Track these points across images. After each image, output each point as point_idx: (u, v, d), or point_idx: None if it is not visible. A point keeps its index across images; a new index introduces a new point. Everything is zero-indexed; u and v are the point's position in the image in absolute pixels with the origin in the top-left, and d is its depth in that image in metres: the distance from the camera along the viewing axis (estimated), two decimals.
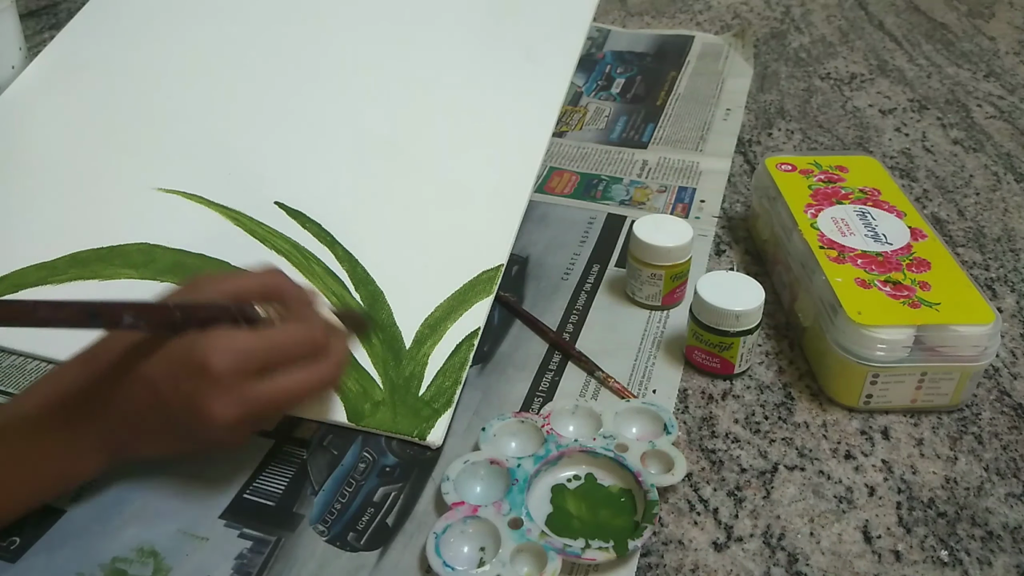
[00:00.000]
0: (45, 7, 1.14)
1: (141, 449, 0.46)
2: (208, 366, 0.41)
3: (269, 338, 0.44)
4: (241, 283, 0.46)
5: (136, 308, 0.41)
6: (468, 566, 0.43)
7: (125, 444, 0.45)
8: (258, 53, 0.73)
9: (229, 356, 0.42)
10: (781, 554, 0.45)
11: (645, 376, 0.56)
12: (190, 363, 0.42)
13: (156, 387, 0.42)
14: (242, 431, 0.45)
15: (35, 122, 0.73)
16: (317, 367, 0.45)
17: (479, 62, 0.70)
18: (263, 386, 0.43)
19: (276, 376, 0.44)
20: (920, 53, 1.03)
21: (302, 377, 0.45)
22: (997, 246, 0.69)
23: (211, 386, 0.42)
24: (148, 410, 0.43)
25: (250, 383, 0.43)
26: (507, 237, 0.60)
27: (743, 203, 0.75)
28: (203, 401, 0.42)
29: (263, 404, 0.43)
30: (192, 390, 0.42)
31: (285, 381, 0.44)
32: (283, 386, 0.44)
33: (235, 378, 0.42)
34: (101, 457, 0.45)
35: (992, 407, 0.54)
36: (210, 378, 0.41)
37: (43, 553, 0.44)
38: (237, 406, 0.42)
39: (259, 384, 0.43)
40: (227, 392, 0.42)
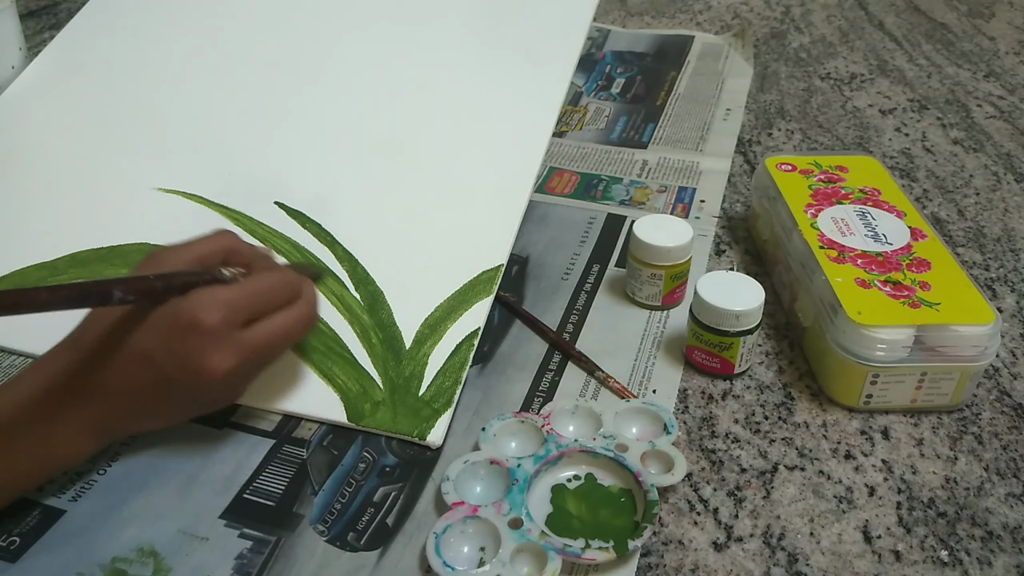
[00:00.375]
0: (45, 7, 1.14)
1: (134, 426, 0.47)
2: (199, 322, 0.43)
3: (250, 287, 0.46)
4: (200, 250, 0.48)
5: (122, 283, 0.43)
6: (468, 566, 0.43)
7: (118, 423, 0.46)
8: (258, 53, 0.73)
9: (217, 310, 0.44)
10: (781, 554, 0.45)
11: (645, 376, 0.56)
12: (181, 324, 0.43)
13: (151, 357, 0.44)
14: (239, 382, 0.47)
15: (35, 122, 0.73)
16: (297, 307, 0.48)
17: (479, 62, 0.70)
18: (253, 331, 0.45)
19: (262, 322, 0.46)
20: (920, 53, 1.03)
21: (287, 316, 0.47)
22: (997, 246, 0.69)
23: (205, 341, 0.43)
24: (146, 383, 0.44)
25: (240, 331, 0.45)
26: (507, 237, 0.60)
27: (743, 203, 0.75)
28: (201, 357, 0.43)
29: (256, 349, 0.45)
30: (188, 350, 0.43)
31: (272, 323, 0.46)
32: (271, 328, 0.46)
33: (226, 329, 0.44)
34: (92, 439, 0.46)
35: (992, 407, 0.54)
36: (203, 333, 0.43)
37: (43, 553, 0.44)
38: (233, 355, 0.44)
39: (249, 331, 0.45)
40: (221, 344, 0.44)
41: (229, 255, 0.49)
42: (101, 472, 0.49)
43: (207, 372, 0.44)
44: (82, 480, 0.48)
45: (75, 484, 0.48)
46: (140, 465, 0.49)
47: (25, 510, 0.47)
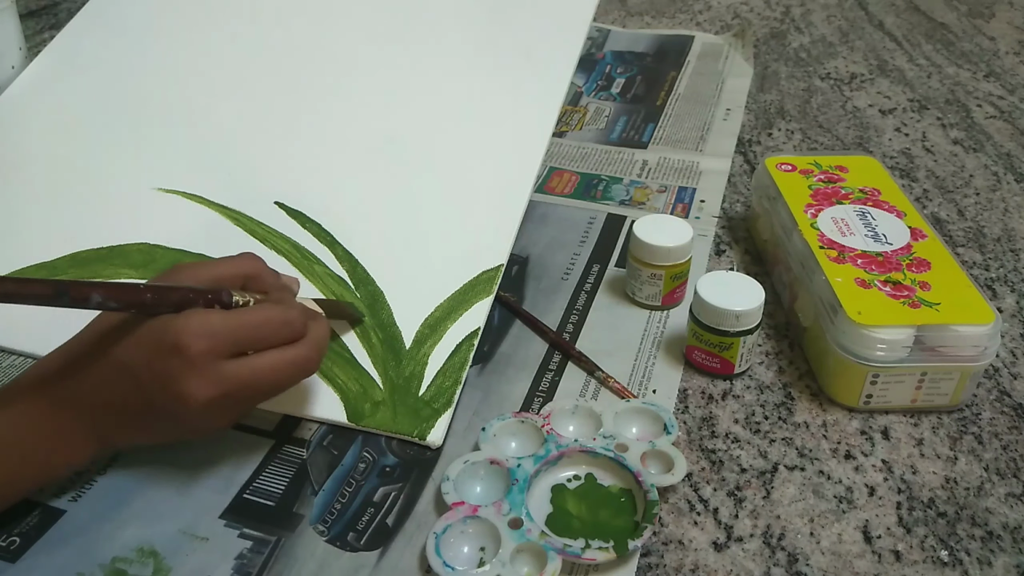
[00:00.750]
0: (45, 7, 1.14)
1: (128, 437, 0.46)
2: (181, 346, 0.41)
3: (242, 318, 0.43)
4: (220, 270, 0.47)
5: (106, 288, 0.41)
6: (468, 566, 0.43)
7: (112, 432, 0.45)
8: (258, 53, 0.73)
9: (202, 337, 0.42)
10: (781, 554, 0.45)
11: (645, 376, 0.56)
12: (163, 344, 0.42)
13: (132, 370, 0.43)
14: (221, 415, 0.44)
15: (35, 122, 0.73)
16: (292, 349, 0.45)
17: (479, 62, 0.70)
18: (237, 365, 0.43)
19: (251, 356, 0.44)
20: (920, 53, 1.03)
21: (276, 359, 0.44)
22: (997, 246, 0.69)
23: (185, 366, 0.41)
24: (128, 395, 0.43)
25: (224, 363, 0.42)
26: (507, 237, 0.60)
27: (743, 203, 0.75)
28: (178, 382, 0.42)
29: (238, 384, 0.43)
30: (166, 371, 0.42)
31: (259, 361, 0.44)
32: (257, 365, 0.44)
33: (208, 358, 0.42)
34: (90, 445, 0.45)
35: (992, 407, 0.54)
36: (184, 358, 0.41)
37: (43, 553, 0.45)
38: (212, 386, 0.42)
39: (233, 363, 0.43)
40: (201, 372, 0.42)
41: (249, 280, 0.47)
42: (101, 472, 0.49)
43: (184, 398, 0.42)
44: (82, 480, 0.48)
45: (75, 484, 0.48)
46: (140, 465, 0.49)
47: (25, 510, 0.47)
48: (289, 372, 0.45)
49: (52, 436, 0.44)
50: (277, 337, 0.45)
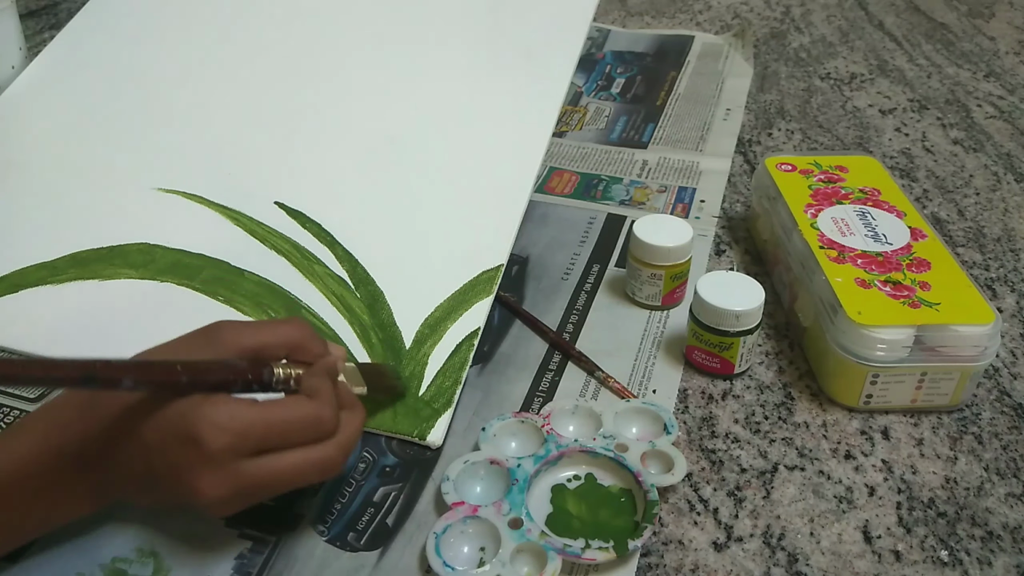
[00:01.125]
0: (45, 7, 1.14)
1: (135, 500, 0.44)
2: (201, 441, 0.38)
3: (270, 416, 0.40)
4: (263, 338, 0.43)
5: (139, 369, 0.38)
6: (468, 566, 0.43)
7: (119, 493, 0.43)
8: (258, 53, 0.73)
9: (225, 433, 0.39)
10: (781, 554, 0.45)
11: (645, 376, 0.56)
12: (183, 434, 0.39)
13: (148, 451, 0.40)
14: (229, 508, 0.41)
15: (35, 122, 0.73)
16: (318, 449, 0.41)
17: (479, 62, 0.70)
18: (256, 466, 0.40)
19: (272, 456, 0.40)
20: (920, 53, 1.03)
21: (299, 460, 0.41)
22: (997, 246, 0.69)
23: (202, 462, 0.39)
24: (139, 471, 0.41)
25: (243, 462, 0.39)
26: (507, 237, 0.60)
27: (743, 203, 0.75)
28: (191, 476, 0.39)
29: (256, 484, 0.40)
30: (182, 463, 0.39)
31: (280, 463, 0.40)
32: (277, 468, 0.40)
33: (228, 456, 0.39)
34: (91, 502, 0.43)
35: (992, 407, 0.54)
36: (202, 453, 0.38)
37: (43, 553, 0.45)
38: (227, 485, 0.39)
39: (253, 464, 0.40)
40: (218, 470, 0.39)
41: (294, 351, 0.44)
42: None
43: (194, 492, 0.39)
44: None
45: None
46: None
47: None
48: (311, 475, 0.42)
49: (56, 489, 0.42)
50: (305, 437, 0.41)
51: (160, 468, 0.40)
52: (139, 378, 0.38)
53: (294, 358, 0.43)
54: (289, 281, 0.59)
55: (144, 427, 0.40)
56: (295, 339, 0.44)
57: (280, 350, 0.43)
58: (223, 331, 0.43)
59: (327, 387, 0.43)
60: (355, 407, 0.44)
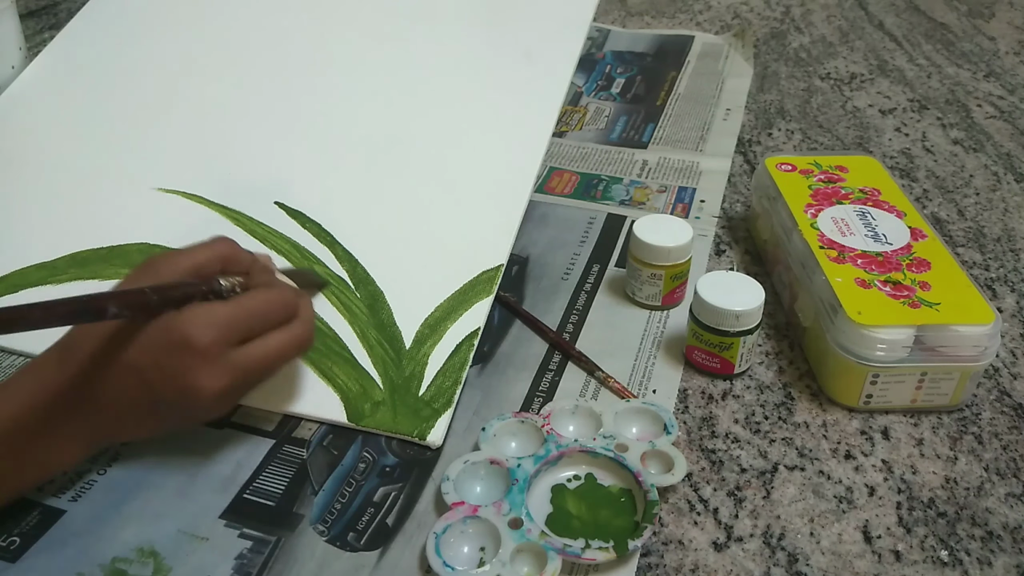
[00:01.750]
0: (45, 7, 1.14)
1: (125, 434, 0.47)
2: (191, 341, 0.42)
3: (245, 306, 0.45)
4: (198, 258, 0.47)
5: (117, 297, 0.42)
6: (468, 566, 0.43)
7: (111, 431, 0.46)
8: (258, 53, 0.73)
9: (210, 329, 0.43)
10: (781, 554, 0.45)
11: (645, 376, 0.56)
12: (172, 342, 0.42)
13: (141, 372, 0.43)
14: (229, 401, 0.46)
15: (35, 122, 0.73)
16: (291, 328, 0.47)
17: (479, 62, 0.70)
18: (246, 352, 0.44)
19: (256, 342, 0.45)
20: (920, 53, 1.03)
21: (282, 338, 0.46)
22: (997, 246, 0.69)
23: (197, 360, 0.42)
24: (135, 396, 0.44)
25: (233, 351, 0.44)
26: (507, 237, 0.60)
27: (743, 203, 0.75)
28: (191, 376, 0.43)
29: (249, 370, 0.45)
30: (178, 368, 0.43)
31: (266, 344, 0.45)
32: (265, 349, 0.45)
33: (218, 349, 0.43)
34: (83, 447, 0.46)
35: (992, 407, 0.54)
36: (194, 352, 0.42)
37: (43, 553, 0.44)
38: (225, 376, 0.43)
39: (242, 351, 0.44)
40: (213, 364, 0.43)
41: (227, 263, 0.48)
42: (101, 472, 0.49)
43: (197, 391, 0.43)
44: (82, 480, 0.49)
45: (75, 484, 0.48)
46: (140, 465, 0.49)
47: (25, 510, 0.47)
48: (292, 351, 0.47)
49: (48, 436, 0.44)
50: (277, 319, 0.46)
51: (157, 383, 0.43)
52: (120, 304, 0.41)
53: (229, 271, 0.47)
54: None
55: (130, 352, 0.43)
56: (226, 253, 0.48)
57: (216, 264, 0.47)
58: (159, 262, 0.46)
59: (274, 278, 0.50)
60: (301, 293, 0.50)
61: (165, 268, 0.46)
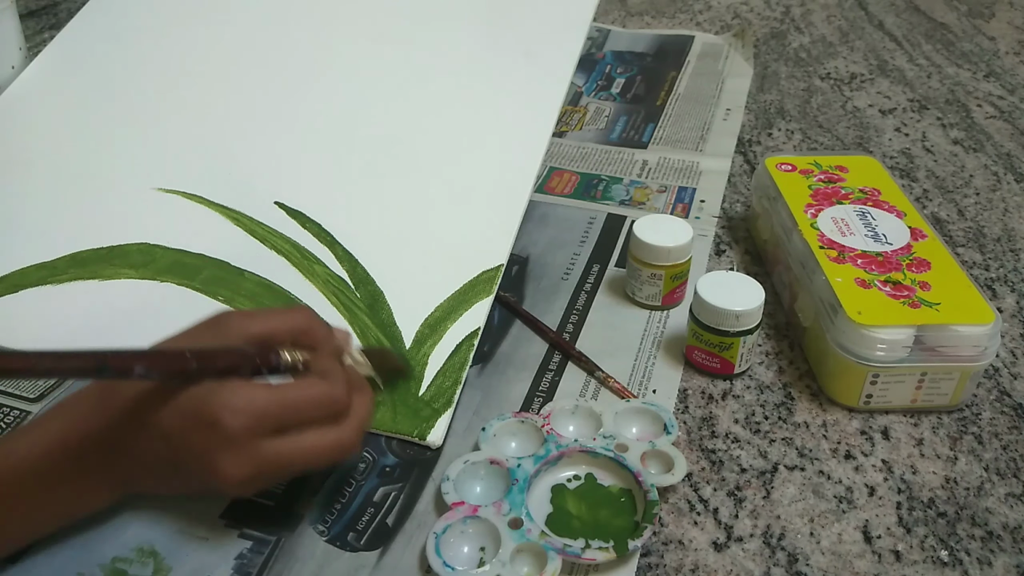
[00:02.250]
0: (45, 7, 1.14)
1: (152, 489, 0.45)
2: (220, 423, 0.40)
3: (285, 397, 0.41)
4: (270, 325, 0.44)
5: (149, 358, 0.40)
6: (468, 566, 0.43)
7: (136, 482, 0.44)
8: (258, 53, 0.73)
9: (242, 415, 0.40)
10: (781, 554, 0.45)
11: (645, 376, 0.56)
12: (202, 418, 0.40)
13: (168, 439, 0.41)
14: (250, 488, 0.43)
15: (35, 122, 0.73)
16: (334, 429, 0.43)
17: (479, 62, 0.70)
18: (276, 446, 0.41)
19: (290, 436, 0.42)
20: (920, 53, 1.03)
21: (317, 440, 0.42)
22: (997, 246, 0.69)
23: (222, 444, 0.40)
24: (162, 457, 0.42)
25: (262, 442, 0.41)
26: (507, 237, 0.60)
27: (743, 203, 0.75)
28: (213, 459, 0.40)
29: (276, 464, 0.42)
30: (203, 446, 0.40)
31: (299, 443, 0.42)
32: (296, 448, 0.42)
33: (247, 437, 0.40)
34: (110, 494, 0.45)
35: (992, 407, 0.54)
36: (221, 436, 0.40)
37: (43, 553, 0.44)
38: (248, 466, 0.41)
39: (272, 444, 0.41)
40: (238, 451, 0.40)
41: (300, 335, 0.44)
42: None
43: (216, 474, 0.40)
44: None
45: None
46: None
47: None
48: (329, 455, 0.43)
49: (76, 480, 0.43)
50: (320, 415, 0.42)
51: (181, 453, 0.41)
52: (150, 366, 0.39)
53: (300, 343, 0.44)
54: (289, 281, 0.59)
55: (161, 415, 0.41)
56: (301, 325, 0.44)
57: (286, 336, 0.44)
58: (230, 320, 0.44)
59: (337, 367, 0.44)
60: (364, 388, 0.46)
61: (235, 327, 0.43)
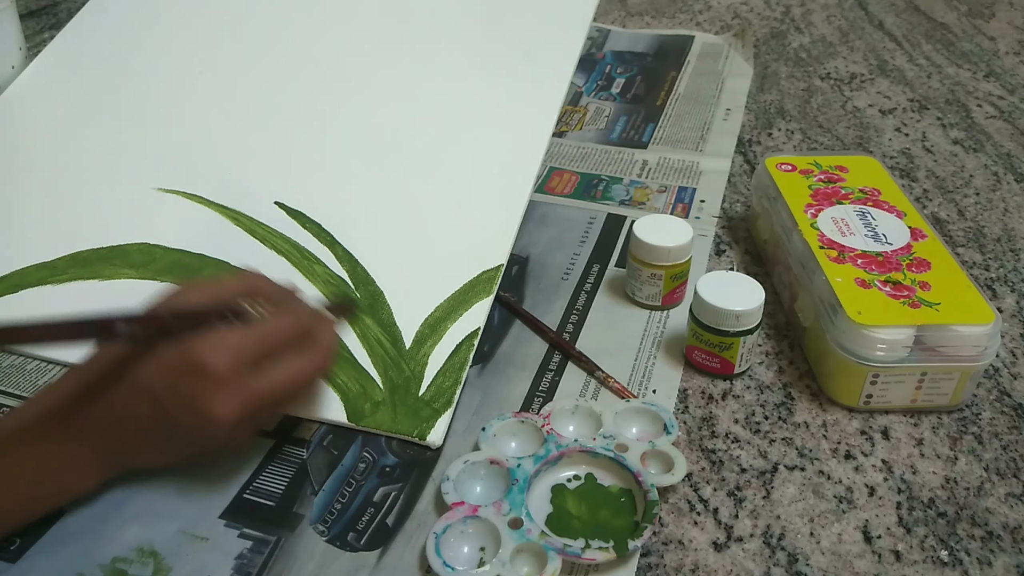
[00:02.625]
0: (45, 7, 1.14)
1: (142, 459, 0.46)
2: (205, 365, 0.42)
3: (259, 330, 0.44)
4: (224, 286, 0.47)
5: (129, 317, 0.41)
6: (468, 566, 0.43)
7: (125, 455, 0.45)
8: (258, 53, 0.73)
9: (224, 353, 0.42)
10: (781, 554, 0.45)
11: (645, 376, 0.56)
12: (187, 365, 0.42)
13: (155, 395, 0.43)
14: (244, 429, 0.45)
15: (35, 122, 0.73)
16: (308, 354, 0.46)
17: (479, 62, 0.70)
18: (260, 378, 0.43)
19: (270, 367, 0.44)
20: (920, 53, 1.03)
21: (296, 365, 0.45)
22: (997, 246, 0.69)
23: (210, 385, 0.42)
24: (148, 419, 0.43)
25: (247, 378, 0.43)
26: (507, 237, 0.60)
27: (743, 203, 0.75)
28: (204, 402, 0.42)
29: (262, 397, 0.44)
30: (192, 392, 0.42)
31: (280, 371, 0.44)
32: (279, 376, 0.44)
33: (232, 374, 0.42)
34: (100, 469, 0.45)
35: (992, 407, 0.54)
36: (208, 377, 0.42)
37: (43, 553, 0.44)
38: (238, 403, 0.42)
39: (256, 377, 0.43)
40: (226, 389, 0.42)
41: (257, 293, 0.47)
42: None
43: (209, 418, 0.42)
44: None
45: None
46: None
47: None
48: (307, 378, 0.46)
49: (62, 465, 0.44)
50: (292, 344, 0.45)
51: (172, 406, 0.42)
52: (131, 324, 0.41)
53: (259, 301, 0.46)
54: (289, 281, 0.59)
55: (145, 374, 0.42)
56: (252, 284, 0.47)
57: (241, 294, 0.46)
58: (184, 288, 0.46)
59: (298, 302, 0.48)
60: (324, 319, 0.49)
61: (191, 296, 0.46)
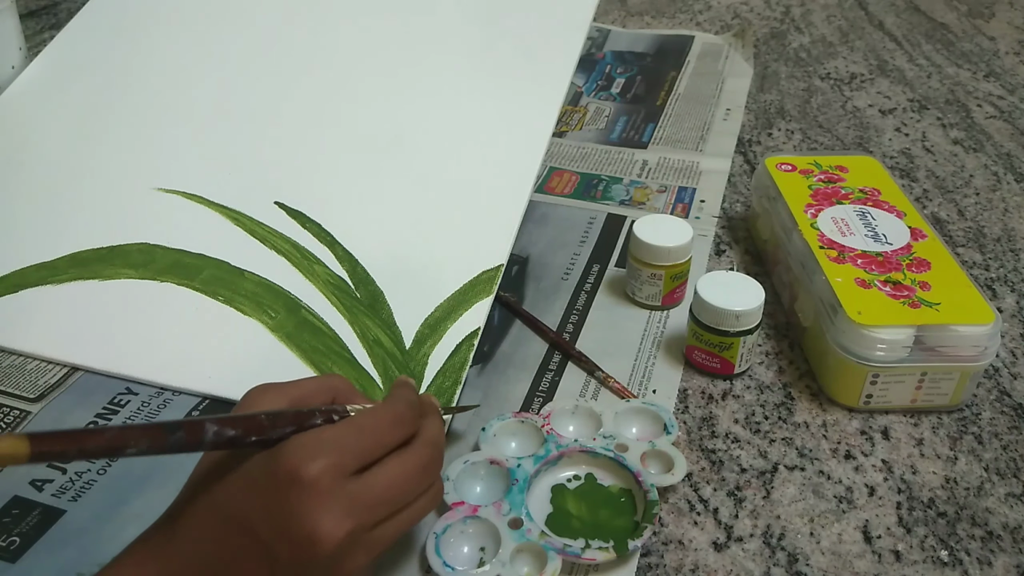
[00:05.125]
0: (45, 7, 1.14)
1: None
2: (300, 473, 0.34)
3: (356, 425, 0.37)
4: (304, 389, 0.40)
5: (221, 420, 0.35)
6: (468, 566, 0.43)
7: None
8: (258, 53, 0.73)
9: (320, 455, 0.35)
10: (781, 554, 0.45)
11: (645, 376, 0.56)
12: (277, 475, 0.34)
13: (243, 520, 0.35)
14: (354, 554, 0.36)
15: (35, 122, 0.73)
16: (414, 449, 0.39)
17: (479, 62, 0.70)
18: (364, 481, 0.36)
19: (373, 469, 0.37)
20: (920, 53, 1.03)
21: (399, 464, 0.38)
22: (997, 246, 0.69)
23: (310, 498, 0.34)
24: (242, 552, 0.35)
25: (348, 483, 0.35)
26: (507, 237, 0.60)
27: (743, 203, 0.75)
28: (305, 520, 0.34)
29: (375, 503, 0.36)
30: (287, 509, 0.34)
31: (385, 472, 0.37)
32: (384, 478, 0.37)
33: (334, 480, 0.35)
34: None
35: (992, 407, 0.54)
36: (305, 487, 0.34)
37: (43, 553, 0.44)
38: (347, 515, 0.35)
39: (358, 481, 0.36)
40: (330, 500, 0.34)
41: (339, 396, 0.41)
42: (101, 472, 0.49)
43: (315, 539, 0.34)
44: (82, 480, 0.48)
45: (75, 484, 0.48)
46: (140, 465, 0.49)
47: (25, 510, 0.47)
48: (418, 478, 0.38)
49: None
50: (396, 438, 0.38)
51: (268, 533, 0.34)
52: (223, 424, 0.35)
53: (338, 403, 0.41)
54: (289, 281, 0.59)
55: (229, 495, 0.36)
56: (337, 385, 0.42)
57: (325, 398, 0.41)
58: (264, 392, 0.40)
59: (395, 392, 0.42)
60: (431, 412, 0.42)
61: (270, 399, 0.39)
